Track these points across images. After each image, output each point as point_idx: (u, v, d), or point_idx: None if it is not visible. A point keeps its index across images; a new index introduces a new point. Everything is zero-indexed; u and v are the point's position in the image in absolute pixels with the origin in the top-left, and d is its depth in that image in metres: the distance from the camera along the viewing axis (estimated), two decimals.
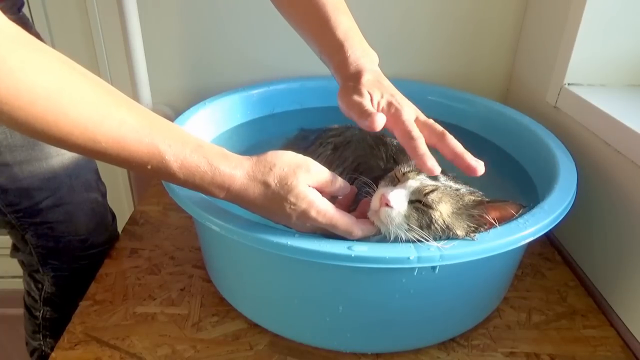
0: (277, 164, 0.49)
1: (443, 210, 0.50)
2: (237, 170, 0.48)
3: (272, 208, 0.49)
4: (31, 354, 0.87)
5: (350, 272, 0.52)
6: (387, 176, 0.54)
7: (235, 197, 0.49)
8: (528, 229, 0.52)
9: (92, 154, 0.44)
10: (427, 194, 0.50)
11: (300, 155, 0.51)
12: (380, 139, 0.70)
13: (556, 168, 0.65)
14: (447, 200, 0.51)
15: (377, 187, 0.54)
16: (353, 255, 0.48)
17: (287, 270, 0.56)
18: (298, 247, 0.49)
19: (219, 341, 0.62)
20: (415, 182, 0.51)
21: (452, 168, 0.54)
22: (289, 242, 0.49)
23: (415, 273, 0.51)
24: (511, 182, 0.77)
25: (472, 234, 0.51)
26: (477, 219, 0.51)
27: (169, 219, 0.86)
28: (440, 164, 0.51)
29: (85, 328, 0.64)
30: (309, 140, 0.78)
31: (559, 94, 0.81)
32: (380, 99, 0.56)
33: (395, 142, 0.70)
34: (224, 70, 1.02)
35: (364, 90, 0.56)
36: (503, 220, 0.51)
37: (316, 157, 0.73)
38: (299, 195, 0.48)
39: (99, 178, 0.82)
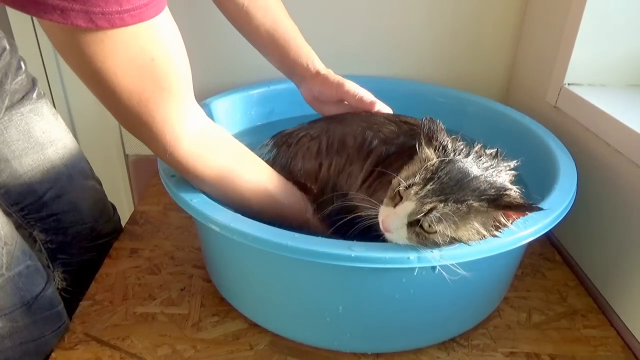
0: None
1: (445, 230, 0.47)
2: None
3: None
4: None
5: (350, 272, 0.52)
6: (391, 187, 0.52)
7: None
8: (528, 229, 0.52)
9: (246, 211, 0.60)
10: (426, 214, 0.47)
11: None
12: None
13: (556, 168, 0.65)
14: (448, 217, 0.47)
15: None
16: (353, 255, 0.48)
17: (287, 270, 0.56)
18: (298, 247, 0.49)
19: (219, 341, 0.62)
20: (411, 203, 0.48)
21: None
22: (289, 242, 0.49)
23: (415, 273, 0.51)
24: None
25: (491, 236, 0.49)
26: (492, 224, 0.48)
27: (169, 219, 0.86)
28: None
29: (85, 328, 0.64)
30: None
31: (559, 94, 0.81)
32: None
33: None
34: (224, 70, 1.02)
35: (344, 81, 0.74)
36: (517, 219, 0.49)
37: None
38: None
39: (91, 167, 0.84)
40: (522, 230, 0.52)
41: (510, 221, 0.49)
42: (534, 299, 0.70)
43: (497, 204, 0.47)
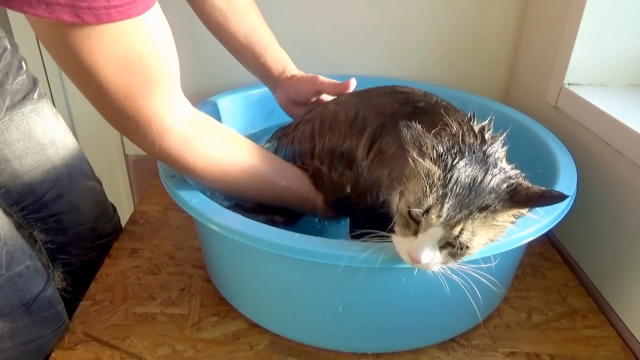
0: None
1: (480, 241, 0.45)
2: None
3: None
4: None
5: (350, 272, 0.52)
6: (399, 214, 0.47)
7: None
8: (528, 228, 0.52)
9: (244, 198, 0.65)
10: (457, 236, 0.44)
11: None
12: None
13: (556, 168, 0.65)
14: (479, 227, 0.45)
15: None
16: (352, 255, 0.48)
17: (287, 271, 0.56)
18: (298, 247, 0.49)
19: (219, 341, 0.62)
20: (438, 229, 0.44)
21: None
22: (289, 242, 0.49)
23: (416, 272, 0.51)
24: None
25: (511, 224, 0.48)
26: (512, 215, 0.47)
27: (169, 219, 0.86)
28: None
29: (85, 328, 0.64)
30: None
31: (559, 94, 0.81)
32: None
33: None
34: (224, 71, 1.01)
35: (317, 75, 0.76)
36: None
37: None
38: None
39: (92, 168, 0.84)
40: (522, 230, 0.52)
41: (528, 210, 0.47)
42: (534, 299, 0.70)
43: (518, 200, 0.45)
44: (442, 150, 0.47)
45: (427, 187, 0.45)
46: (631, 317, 0.65)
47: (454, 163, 0.46)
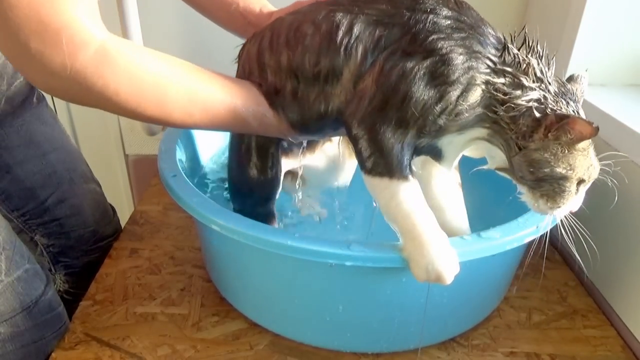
0: None
1: None
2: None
3: None
4: None
5: (350, 271, 0.52)
6: (565, 192, 0.50)
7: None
8: (528, 228, 0.52)
9: (185, 126, 0.52)
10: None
11: None
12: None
13: None
14: None
15: None
16: (353, 254, 0.48)
17: (287, 270, 0.56)
18: (298, 246, 0.49)
19: (219, 341, 0.62)
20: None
21: None
22: (289, 242, 0.49)
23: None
24: (511, 181, 0.76)
25: None
26: None
27: (169, 219, 0.86)
28: None
29: (85, 328, 0.64)
30: None
31: None
32: None
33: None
34: (224, 70, 1.01)
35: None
36: None
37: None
38: None
39: (90, 170, 0.84)
40: (522, 230, 0.52)
41: None
42: (534, 299, 0.70)
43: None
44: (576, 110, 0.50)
45: (589, 157, 0.49)
46: (631, 317, 0.64)
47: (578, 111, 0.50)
